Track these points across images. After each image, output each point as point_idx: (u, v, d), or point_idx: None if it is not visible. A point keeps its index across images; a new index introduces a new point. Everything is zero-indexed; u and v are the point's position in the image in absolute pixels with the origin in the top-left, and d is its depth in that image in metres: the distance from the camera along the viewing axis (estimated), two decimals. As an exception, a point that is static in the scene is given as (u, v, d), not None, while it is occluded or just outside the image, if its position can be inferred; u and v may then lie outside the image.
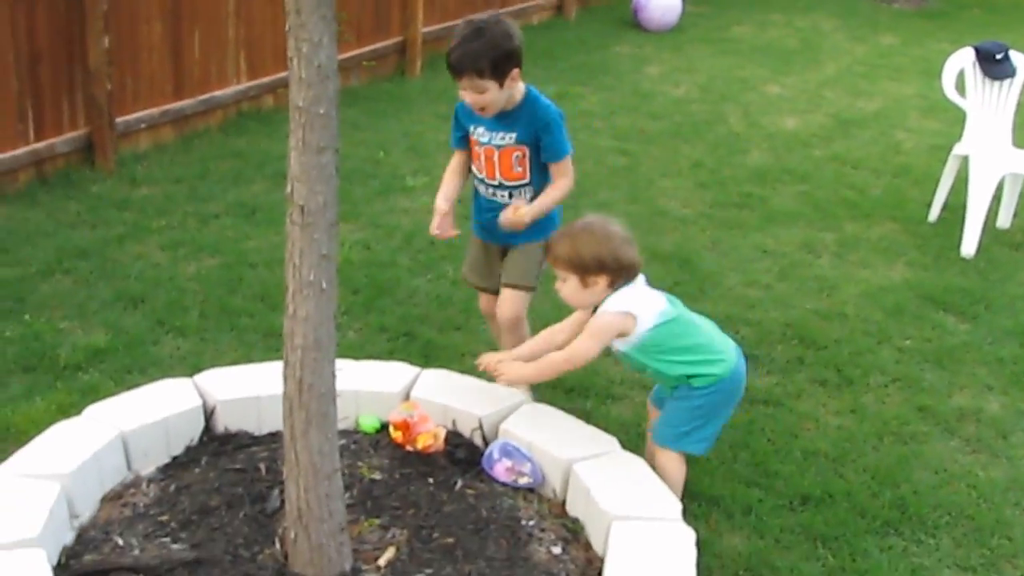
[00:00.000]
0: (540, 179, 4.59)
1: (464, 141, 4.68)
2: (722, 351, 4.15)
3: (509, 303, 4.67)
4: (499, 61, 4.30)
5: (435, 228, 4.65)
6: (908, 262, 6.86)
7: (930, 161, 8.68)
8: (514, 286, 4.66)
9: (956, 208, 7.37)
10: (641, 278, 4.12)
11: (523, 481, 3.99)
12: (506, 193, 4.58)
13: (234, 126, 8.44)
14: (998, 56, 7.49)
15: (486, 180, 4.61)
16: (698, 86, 10.60)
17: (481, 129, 4.55)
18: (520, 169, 4.54)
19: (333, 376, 3.28)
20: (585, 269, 3.99)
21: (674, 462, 4.17)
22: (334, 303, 3.21)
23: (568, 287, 4.06)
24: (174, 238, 6.48)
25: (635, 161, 8.36)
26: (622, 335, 4.04)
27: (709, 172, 8.21)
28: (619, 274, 4.00)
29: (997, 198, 7.33)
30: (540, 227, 4.54)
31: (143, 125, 7.81)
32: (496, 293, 4.77)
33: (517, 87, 4.45)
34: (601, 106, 9.69)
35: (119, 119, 7.56)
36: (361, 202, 7.12)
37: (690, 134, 9.08)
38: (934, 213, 7.50)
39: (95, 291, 5.83)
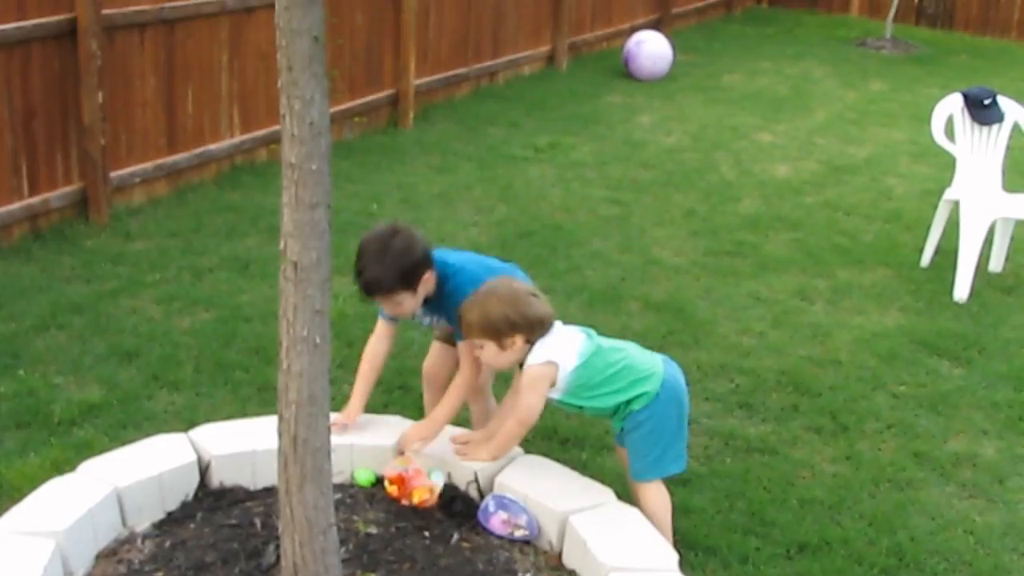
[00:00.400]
0: None
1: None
2: (647, 367, 4.18)
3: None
4: (406, 275, 4.20)
5: (334, 422, 4.31)
6: (901, 307, 6.88)
7: (921, 206, 8.72)
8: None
9: (948, 253, 7.40)
10: (557, 324, 4.16)
11: (519, 534, 3.98)
12: None
13: (228, 180, 8.46)
14: (986, 101, 7.54)
15: None
16: (689, 135, 10.65)
17: (419, 312, 4.48)
18: None
19: (328, 431, 3.28)
20: (498, 332, 4.04)
21: (656, 495, 4.20)
22: (328, 358, 3.22)
23: (487, 352, 4.12)
24: (168, 292, 6.48)
25: (627, 210, 8.38)
26: (552, 384, 4.10)
27: (701, 220, 8.24)
28: (532, 330, 4.06)
29: (988, 242, 7.35)
30: None
31: (137, 179, 7.83)
32: (448, 343, 4.72)
33: (430, 285, 4.30)
34: (593, 155, 9.73)
35: (113, 173, 7.58)
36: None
37: (682, 183, 9.12)
38: (926, 258, 7.53)
39: (89, 346, 5.83)
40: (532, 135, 10.16)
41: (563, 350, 4.10)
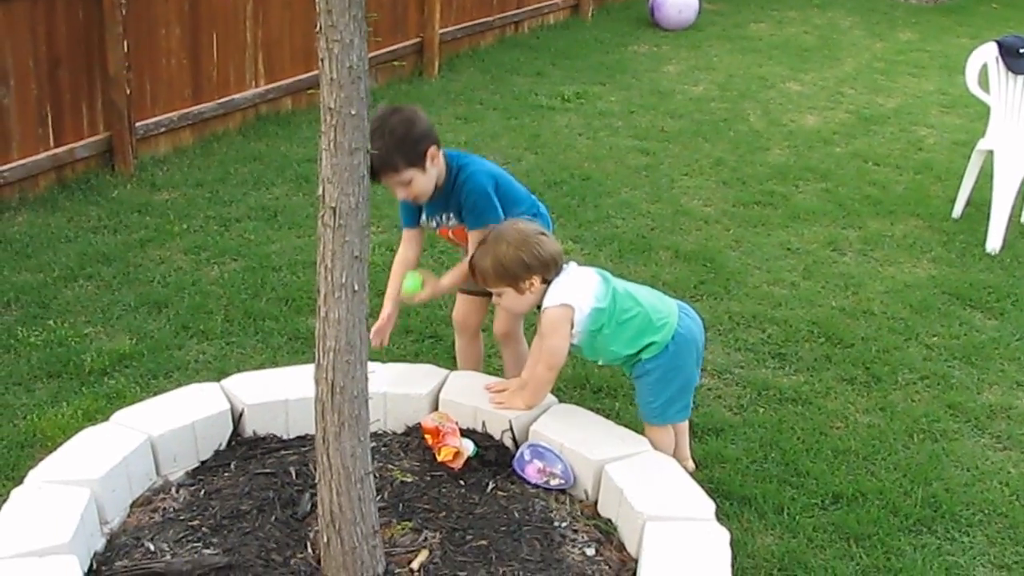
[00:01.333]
0: None
1: (415, 218, 4.54)
2: (661, 317, 4.14)
3: (500, 319, 4.70)
4: (409, 150, 4.11)
5: (374, 333, 4.40)
6: (933, 258, 6.82)
7: (952, 157, 8.64)
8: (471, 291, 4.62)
9: (980, 204, 7.33)
10: (572, 265, 4.15)
11: (554, 482, 3.96)
12: None
13: (253, 129, 8.43)
14: (1021, 50, 7.44)
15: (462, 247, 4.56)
16: (717, 84, 10.55)
17: (423, 218, 4.47)
18: None
19: (365, 378, 3.25)
20: (514, 277, 4.03)
21: (659, 437, 4.22)
22: (366, 305, 3.18)
23: (507, 298, 4.11)
24: (196, 242, 6.47)
25: (656, 160, 8.32)
26: (571, 325, 4.08)
27: (730, 170, 8.17)
28: (547, 269, 4.05)
29: (1021, 194, 7.27)
30: None
31: (163, 129, 7.80)
32: (479, 295, 4.68)
33: (440, 164, 4.27)
34: (620, 105, 9.65)
35: (138, 123, 7.55)
36: (383, 204, 7.07)
37: (710, 132, 9.04)
38: (958, 209, 7.45)
39: (118, 296, 5.82)
40: (558, 84, 10.09)
41: (578, 292, 4.07)
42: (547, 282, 4.07)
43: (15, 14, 6.74)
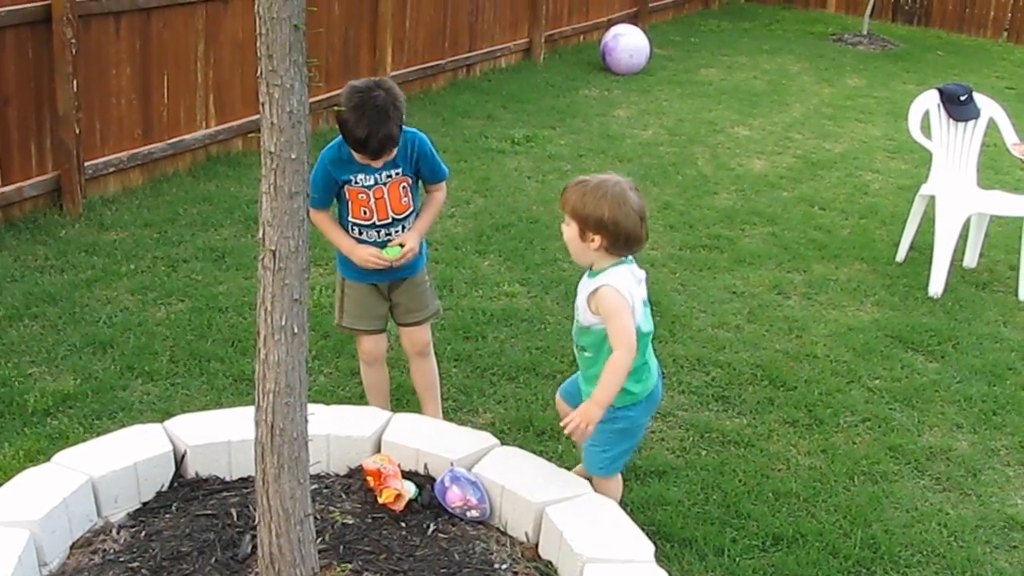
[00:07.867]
0: (418, 205, 4.80)
1: (331, 199, 4.70)
2: (651, 371, 4.16)
3: (421, 333, 4.90)
4: (402, 120, 4.49)
5: (374, 256, 4.62)
6: (876, 302, 6.90)
7: (897, 201, 8.76)
8: (423, 320, 4.91)
9: (923, 248, 7.44)
10: (633, 264, 4.07)
11: (472, 514, 3.96)
12: (398, 228, 4.68)
13: (203, 170, 8.42)
14: (962, 98, 7.57)
15: (377, 222, 4.64)
16: (666, 128, 10.65)
17: (361, 175, 4.58)
18: (407, 199, 4.68)
19: (305, 420, 3.27)
20: (585, 222, 3.95)
21: (610, 486, 4.25)
22: (305, 348, 3.20)
23: (569, 231, 4.04)
24: (143, 283, 6.45)
25: (604, 203, 8.35)
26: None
27: (678, 214, 8.25)
28: (616, 239, 3.94)
29: (963, 238, 7.39)
30: (421, 253, 4.80)
31: (112, 169, 7.78)
32: (382, 331, 4.91)
33: None
34: (570, 149, 9.72)
35: (88, 163, 7.53)
36: (331, 246, 7.08)
37: (659, 176, 9.12)
38: (901, 253, 7.55)
39: (63, 336, 5.79)
40: (509, 127, 10.15)
41: (635, 306, 3.96)
42: (607, 251, 3.97)
43: (-37, 53, 6.74)
